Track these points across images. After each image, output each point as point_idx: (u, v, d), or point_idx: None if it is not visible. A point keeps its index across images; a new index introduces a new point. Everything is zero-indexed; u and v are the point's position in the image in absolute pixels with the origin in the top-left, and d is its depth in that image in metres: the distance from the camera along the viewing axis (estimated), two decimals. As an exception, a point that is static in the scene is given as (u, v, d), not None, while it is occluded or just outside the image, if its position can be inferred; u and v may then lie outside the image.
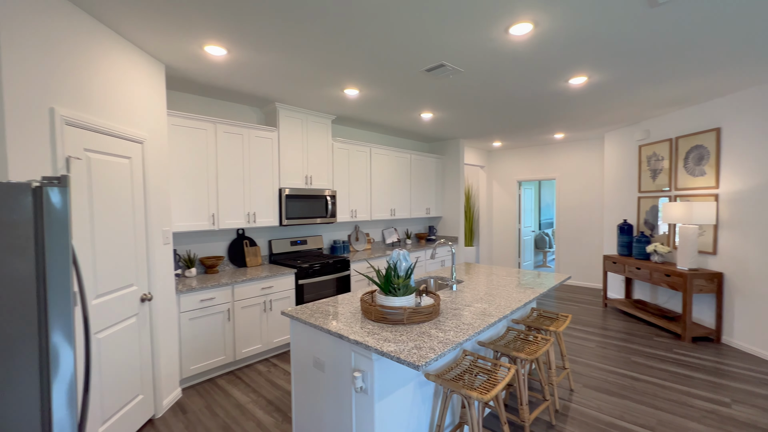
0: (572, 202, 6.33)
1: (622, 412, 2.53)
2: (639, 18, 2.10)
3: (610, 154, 5.45)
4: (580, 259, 6.27)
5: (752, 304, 3.45)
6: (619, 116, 4.48)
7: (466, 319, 2.00)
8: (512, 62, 2.73)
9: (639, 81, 3.18)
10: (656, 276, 4.08)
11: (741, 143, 3.51)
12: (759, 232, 3.37)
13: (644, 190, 4.76)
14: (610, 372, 3.13)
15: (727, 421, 2.42)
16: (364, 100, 3.70)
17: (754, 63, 2.80)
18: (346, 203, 4.49)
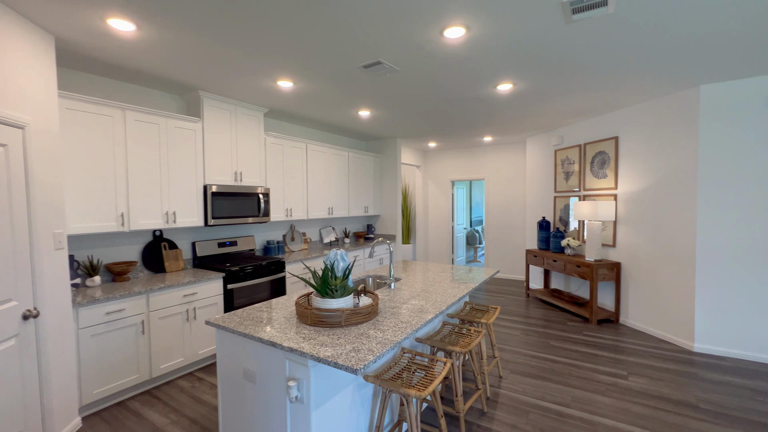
0: (499, 201, 6.82)
1: (543, 393, 2.77)
2: (555, 33, 2.30)
3: (531, 157, 5.97)
4: (506, 253, 6.78)
5: (642, 289, 4.03)
6: (538, 123, 4.91)
7: (404, 317, 2.01)
8: (447, 65, 2.82)
9: (555, 91, 3.50)
10: (569, 267, 4.56)
11: (633, 150, 4.08)
12: (647, 227, 3.95)
13: (559, 190, 5.29)
14: (533, 357, 3.42)
15: (626, 392, 2.78)
16: (299, 94, 3.54)
17: (645, 82, 3.26)
18: (281, 201, 4.27)
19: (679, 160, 3.58)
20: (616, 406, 2.59)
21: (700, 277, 3.44)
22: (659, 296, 3.84)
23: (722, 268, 3.35)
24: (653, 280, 3.90)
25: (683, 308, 3.59)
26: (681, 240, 3.59)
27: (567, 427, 2.35)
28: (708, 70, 3.01)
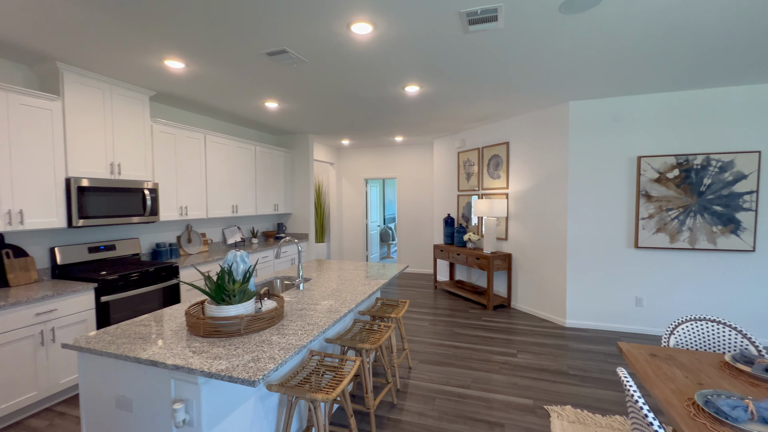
0: (410, 199, 7.13)
1: (448, 378, 2.96)
2: (456, 42, 2.45)
3: (438, 158, 6.37)
4: (417, 249, 7.13)
5: (528, 276, 4.62)
6: (444, 126, 5.26)
7: (312, 318, 1.93)
8: (357, 61, 2.80)
9: (457, 97, 3.77)
10: (470, 259, 4.99)
11: (521, 154, 4.64)
12: (532, 222, 4.53)
13: (462, 189, 5.75)
14: (439, 345, 3.64)
15: (515, 368, 3.14)
16: (193, 78, 3.15)
17: (529, 95, 3.71)
18: (173, 198, 3.77)
19: (555, 164, 4.18)
20: (507, 381, 2.91)
21: (570, 264, 4.08)
22: (541, 282, 4.44)
23: (585, 257, 4.02)
24: (536, 269, 4.50)
25: (558, 291, 4.21)
26: (556, 233, 4.20)
27: (467, 407, 2.54)
28: (575, 90, 3.57)
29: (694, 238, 3.62)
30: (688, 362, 1.66)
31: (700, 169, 3.57)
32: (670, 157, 3.65)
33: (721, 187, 3.52)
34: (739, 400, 1.23)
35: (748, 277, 3.53)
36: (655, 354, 1.75)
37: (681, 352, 1.77)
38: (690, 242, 3.63)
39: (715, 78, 3.25)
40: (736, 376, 1.53)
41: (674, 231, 3.67)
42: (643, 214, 3.76)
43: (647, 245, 3.77)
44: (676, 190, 3.65)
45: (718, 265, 3.60)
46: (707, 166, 3.55)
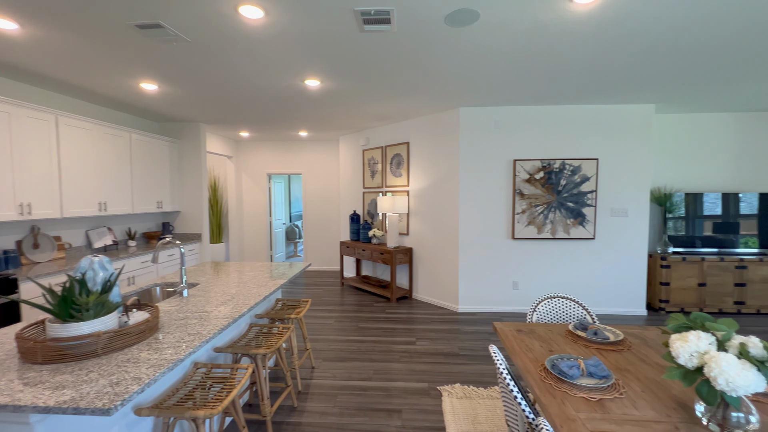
0: (317, 196, 7.00)
1: (351, 373, 3.00)
2: (354, 40, 2.47)
3: (344, 155, 6.38)
4: (324, 246, 7.05)
5: (427, 268, 4.96)
6: (349, 123, 5.28)
7: (195, 327, 1.74)
8: (250, 48, 2.61)
9: (358, 95, 3.82)
10: (375, 255, 5.13)
11: (420, 154, 4.94)
12: (430, 217, 4.87)
13: (367, 186, 5.87)
14: (344, 341, 3.66)
15: (414, 355, 3.34)
16: (33, 43, 2.54)
17: (424, 99, 3.96)
18: (10, 194, 3.00)
19: (449, 164, 4.56)
20: (406, 368, 3.08)
21: (461, 255, 4.51)
22: (438, 273, 4.81)
23: (473, 248, 4.49)
24: (434, 261, 4.86)
25: (452, 280, 4.62)
26: (450, 228, 4.59)
27: (368, 399, 2.61)
28: (464, 98, 3.93)
29: (555, 229, 4.34)
30: (543, 334, 1.98)
31: (558, 172, 4.29)
32: (537, 161, 4.31)
33: (572, 187, 4.29)
34: (575, 361, 1.51)
35: (590, 260, 4.38)
36: (521, 329, 2.04)
37: (540, 326, 2.10)
38: (551, 233, 4.35)
39: (567, 97, 3.93)
40: (575, 341, 1.87)
41: (540, 224, 4.35)
42: (518, 210, 4.36)
43: (521, 236, 4.39)
44: (542, 189, 4.32)
45: (571, 251, 4.39)
46: (563, 169, 4.28)
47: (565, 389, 1.40)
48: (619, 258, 4.37)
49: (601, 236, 4.36)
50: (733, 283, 4.33)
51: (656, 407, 1.29)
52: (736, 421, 1.11)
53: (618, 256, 4.37)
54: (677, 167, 4.80)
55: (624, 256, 4.37)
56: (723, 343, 1.15)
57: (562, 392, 1.39)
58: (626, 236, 4.35)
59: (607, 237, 4.36)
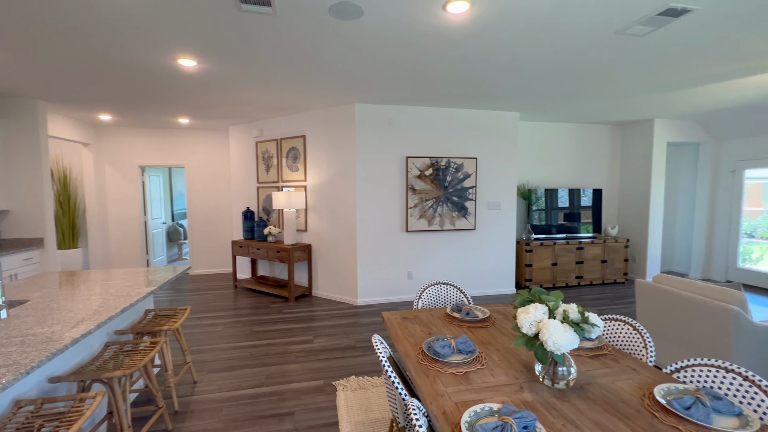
0: (204, 191, 6.31)
1: (240, 382, 2.78)
2: (230, 17, 2.25)
3: (235, 147, 5.87)
4: (214, 247, 6.41)
5: (327, 264, 4.91)
6: (238, 111, 4.86)
7: (13, 356, 1.37)
8: (105, 13, 2.16)
9: (244, 81, 3.53)
10: (271, 253, 4.87)
11: (317, 148, 4.84)
12: (328, 213, 4.82)
13: (262, 181, 5.52)
14: (234, 348, 3.38)
15: (311, 353, 3.27)
16: None
17: (318, 92, 3.88)
18: None
19: (346, 159, 4.58)
20: (302, 368, 2.99)
21: (359, 249, 4.58)
22: (338, 268, 4.81)
23: (371, 242, 4.61)
24: (333, 256, 4.83)
25: (351, 274, 4.67)
26: (349, 222, 4.63)
27: (259, 407, 2.46)
28: (358, 94, 3.97)
29: (443, 222, 4.73)
30: (425, 318, 2.13)
31: (444, 169, 4.68)
32: (426, 158, 4.62)
33: (456, 183, 4.73)
34: (447, 341, 1.65)
35: (472, 248, 4.92)
36: (406, 317, 2.15)
37: (423, 312, 2.25)
38: (440, 225, 4.73)
39: (451, 101, 4.31)
40: (452, 323, 2.06)
41: (430, 217, 4.70)
42: (411, 204, 4.63)
43: (414, 229, 4.67)
44: (431, 185, 4.67)
45: (457, 241, 4.85)
46: (449, 167, 4.69)
47: (438, 368, 1.51)
48: (494, 245, 5.00)
49: (481, 227, 4.92)
50: (575, 261, 5.37)
51: (509, 372, 1.49)
52: (562, 374, 1.36)
53: (493, 243, 5.00)
54: (537, 167, 5.71)
55: (498, 244, 5.02)
56: (553, 311, 1.38)
57: (435, 371, 1.50)
58: (500, 226, 5.00)
59: (485, 227, 4.94)
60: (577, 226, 5.60)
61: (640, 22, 2.30)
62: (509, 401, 1.28)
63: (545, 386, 1.38)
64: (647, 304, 3.01)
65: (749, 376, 1.27)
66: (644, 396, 1.29)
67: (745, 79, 3.49)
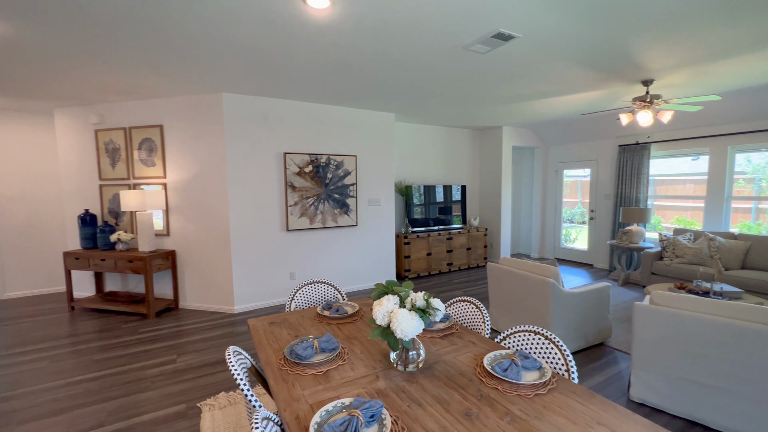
0: (20, 191, 4.91)
1: (68, 428, 2.25)
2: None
3: (65, 135, 4.72)
4: (37, 261, 5.06)
5: (196, 271, 4.38)
6: (68, 91, 3.90)
7: None
8: None
9: (72, 56, 2.85)
10: (122, 264, 4.09)
11: (179, 140, 4.24)
12: (196, 214, 4.29)
13: (105, 178, 4.57)
14: (64, 386, 2.72)
15: (172, 375, 2.86)
16: None
17: (177, 73, 3.39)
18: None
19: (215, 154, 4.13)
20: (159, 394, 2.59)
21: (234, 252, 4.21)
22: (210, 275, 4.33)
23: (247, 243, 4.29)
24: (204, 262, 4.33)
25: (226, 280, 4.26)
26: (220, 224, 4.20)
27: (94, 452, 2.03)
28: (226, 82, 3.61)
29: (325, 219, 4.71)
30: (295, 321, 2.06)
31: (324, 166, 4.65)
32: (306, 155, 4.52)
33: (337, 180, 4.76)
34: (310, 342, 1.62)
35: (354, 244, 5.03)
36: (274, 321, 2.05)
37: (294, 314, 2.18)
38: (322, 222, 4.70)
39: (329, 98, 4.29)
40: (321, 321, 2.05)
41: (312, 215, 4.62)
42: (291, 202, 4.46)
43: (295, 228, 4.52)
44: (311, 182, 4.59)
45: (340, 238, 4.90)
46: (329, 164, 4.68)
47: (299, 371, 1.48)
48: (375, 240, 5.22)
49: (362, 223, 5.07)
50: (446, 250, 6.01)
51: (368, 364, 1.55)
52: (412, 358, 1.47)
53: (375, 238, 5.21)
54: (413, 165, 6.16)
55: (379, 238, 5.25)
56: (403, 300, 1.48)
57: (296, 374, 1.46)
58: (380, 221, 5.24)
59: (366, 223, 5.11)
60: (449, 218, 6.28)
61: (480, 42, 2.66)
62: (363, 393, 1.32)
63: (399, 371, 1.47)
64: (495, 283, 3.55)
65: (548, 336, 1.59)
66: (477, 366, 1.50)
67: (558, 98, 4.41)
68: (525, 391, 1.31)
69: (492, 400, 1.27)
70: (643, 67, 3.31)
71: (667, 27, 2.49)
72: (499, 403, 1.25)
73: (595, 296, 3.19)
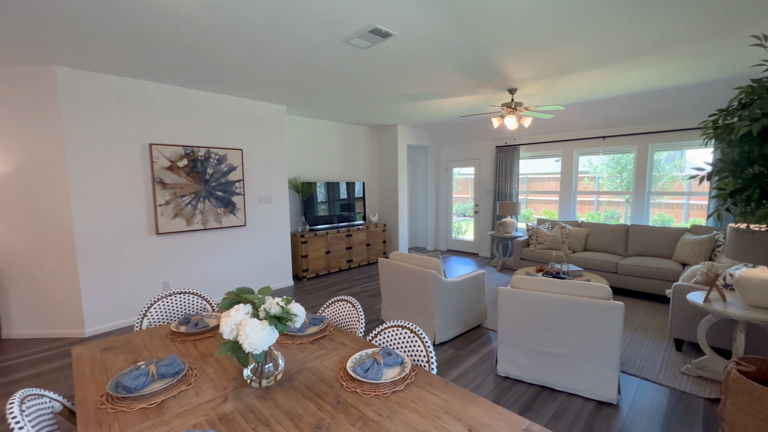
0: None
1: None
2: None
3: None
4: None
5: (26, 292, 3.47)
6: None
7: None
8: None
9: None
10: None
11: (-8, 125, 3.29)
12: (23, 220, 3.39)
13: None
14: None
15: (-25, 430, 2.18)
16: None
17: (-27, 36, 2.59)
18: None
19: (48, 142, 3.31)
20: (-52, 461, 1.94)
21: (82, 264, 3.46)
22: (48, 293, 3.47)
23: (102, 252, 3.56)
24: (38, 279, 3.46)
25: (71, 298, 3.48)
26: (60, 230, 3.40)
27: None
28: (63, 53, 2.90)
29: (206, 220, 4.21)
30: (140, 343, 1.73)
31: (203, 160, 4.15)
32: (179, 147, 3.95)
33: (220, 176, 4.30)
34: (145, 369, 1.36)
35: (243, 245, 4.63)
36: (110, 347, 1.69)
37: (139, 334, 1.83)
38: (203, 223, 4.19)
39: (208, 83, 3.81)
40: (175, 339, 1.76)
41: (189, 215, 4.08)
42: (161, 201, 3.86)
43: (168, 230, 3.93)
44: (187, 178, 4.04)
45: (225, 239, 4.44)
46: (209, 158, 4.19)
47: (124, 407, 1.21)
48: (268, 240, 4.89)
49: (252, 222, 4.69)
50: (345, 247, 5.97)
51: (220, 384, 1.35)
52: (268, 371, 1.33)
53: (267, 238, 4.87)
54: (310, 161, 5.95)
55: (272, 238, 4.93)
56: (257, 309, 1.33)
57: (119, 412, 1.19)
58: (273, 220, 4.92)
59: (257, 222, 4.74)
60: (349, 215, 6.24)
61: (359, 35, 2.63)
62: (203, 421, 1.14)
63: (254, 388, 1.32)
64: (386, 278, 3.61)
65: (413, 329, 1.62)
66: (340, 369, 1.44)
67: (443, 100, 4.71)
68: (383, 390, 1.29)
69: (348, 406, 1.21)
70: (507, 77, 3.71)
71: (520, 45, 2.81)
72: (356, 408, 1.20)
73: (472, 283, 3.48)
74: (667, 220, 5.39)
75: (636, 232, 4.82)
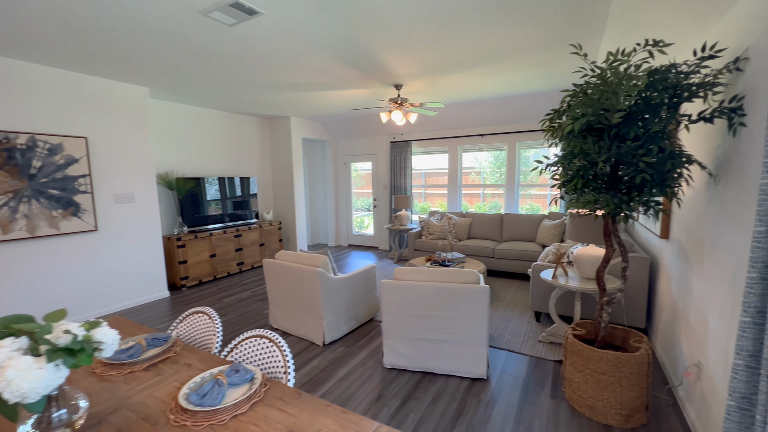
0: None
1: None
2: None
3: None
4: None
5: None
6: None
7: None
8: None
9: None
10: None
11: None
12: None
13: None
14: None
15: None
16: None
17: None
18: None
19: None
20: None
21: None
22: None
23: None
24: None
25: None
26: None
27: None
28: None
29: (34, 226, 3.33)
30: None
31: (26, 150, 3.26)
32: (-16, 132, 3.03)
33: (54, 170, 3.44)
34: None
35: (96, 255, 3.81)
36: None
37: None
38: (29, 230, 3.30)
39: (33, 52, 2.97)
40: None
41: (7, 220, 3.17)
42: (-45, 204, 2.91)
43: (-30, 242, 2.99)
44: (2, 173, 3.13)
45: (65, 249, 3.58)
46: (35, 147, 3.31)
47: None
48: (132, 246, 4.13)
49: (106, 226, 3.89)
50: (234, 249, 5.43)
51: (-17, 449, 0.99)
52: (59, 420, 1.02)
53: (130, 244, 4.11)
54: (188, 154, 5.22)
55: (138, 244, 4.18)
56: (38, 341, 1.01)
57: None
58: (137, 223, 4.17)
59: (113, 226, 3.95)
60: (239, 213, 5.69)
61: (218, 9, 2.31)
62: None
63: (37, 446, 1.00)
64: (272, 280, 3.35)
65: (271, 337, 1.46)
66: (173, 399, 1.20)
67: (332, 92, 4.57)
68: (221, 416, 1.10)
69: (171, 445, 1.00)
70: (391, 72, 3.76)
71: (397, 39, 2.83)
72: (180, 446, 0.99)
73: (362, 278, 3.45)
74: (536, 208, 6.24)
75: (508, 220, 5.44)
